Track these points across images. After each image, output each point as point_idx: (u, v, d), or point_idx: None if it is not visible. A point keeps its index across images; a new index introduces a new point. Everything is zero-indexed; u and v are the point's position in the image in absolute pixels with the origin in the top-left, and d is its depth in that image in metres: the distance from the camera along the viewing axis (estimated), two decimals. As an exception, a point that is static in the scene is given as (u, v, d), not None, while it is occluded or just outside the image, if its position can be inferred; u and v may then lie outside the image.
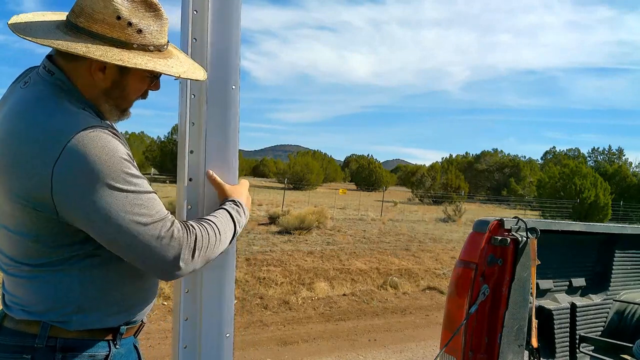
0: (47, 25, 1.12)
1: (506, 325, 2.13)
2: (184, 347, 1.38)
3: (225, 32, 1.35)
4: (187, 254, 1.11)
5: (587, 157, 69.09)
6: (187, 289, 1.38)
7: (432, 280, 8.11)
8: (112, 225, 1.04)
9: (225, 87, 1.36)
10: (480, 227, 2.20)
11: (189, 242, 1.11)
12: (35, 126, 1.05)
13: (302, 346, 4.95)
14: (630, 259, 2.94)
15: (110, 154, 1.05)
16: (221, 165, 1.37)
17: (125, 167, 1.06)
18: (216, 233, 1.18)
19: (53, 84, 1.12)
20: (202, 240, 1.14)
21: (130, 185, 1.06)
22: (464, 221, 18.79)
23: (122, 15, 1.08)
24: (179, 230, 1.10)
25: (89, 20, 1.08)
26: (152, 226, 1.07)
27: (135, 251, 1.07)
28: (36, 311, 1.12)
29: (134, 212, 1.06)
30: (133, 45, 1.11)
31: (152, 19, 1.13)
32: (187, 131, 1.35)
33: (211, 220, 1.20)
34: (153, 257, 1.08)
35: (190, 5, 1.32)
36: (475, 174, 57.61)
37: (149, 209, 1.08)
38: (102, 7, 1.07)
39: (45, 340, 1.11)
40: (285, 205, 17.99)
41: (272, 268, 7.83)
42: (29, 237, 1.09)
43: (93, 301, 1.14)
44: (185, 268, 1.11)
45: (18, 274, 1.13)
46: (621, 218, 28.07)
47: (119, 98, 1.20)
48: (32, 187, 1.04)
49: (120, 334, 1.21)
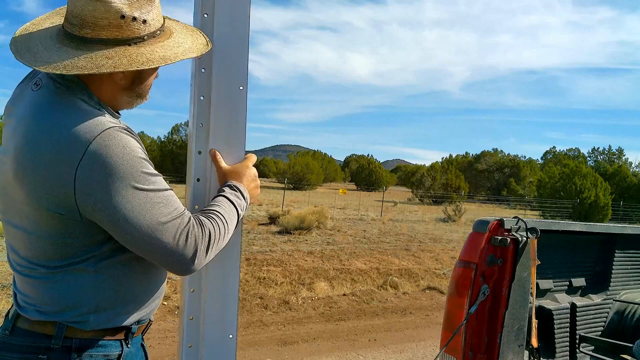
0: (47, 41, 1.10)
1: (506, 325, 2.13)
2: (189, 346, 1.39)
3: (233, 34, 1.35)
4: (203, 250, 1.13)
5: (587, 157, 69.15)
6: (192, 289, 1.38)
7: (432, 280, 8.11)
8: (133, 224, 1.06)
9: (232, 89, 1.36)
10: (480, 227, 2.20)
11: (204, 238, 1.13)
12: (54, 129, 1.05)
13: (302, 346, 4.95)
14: (630, 259, 2.94)
15: (130, 154, 1.06)
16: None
17: (144, 167, 1.08)
18: (225, 224, 1.20)
19: (64, 84, 1.12)
20: (215, 235, 1.16)
21: (150, 184, 1.08)
22: (464, 221, 18.80)
23: (125, 13, 1.08)
24: (194, 226, 1.12)
25: (95, 30, 1.07)
26: (171, 224, 1.09)
27: (155, 249, 1.09)
28: (51, 311, 1.12)
29: (154, 211, 1.08)
30: (144, 38, 1.11)
31: (149, 5, 1.12)
32: (194, 132, 1.36)
33: (218, 212, 1.21)
34: (172, 255, 1.10)
35: (199, 9, 1.33)
36: (475, 174, 57.61)
37: (168, 207, 1.10)
38: (103, 13, 1.06)
39: (61, 340, 1.11)
40: (285, 205, 17.99)
41: (272, 268, 7.83)
42: (47, 239, 1.09)
43: (108, 301, 1.15)
44: (200, 263, 1.14)
45: (33, 275, 1.13)
46: (621, 218, 28.08)
47: (139, 88, 1.22)
48: (54, 191, 1.04)
49: (131, 333, 1.22)
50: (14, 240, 1.15)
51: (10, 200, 1.13)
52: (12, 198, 1.12)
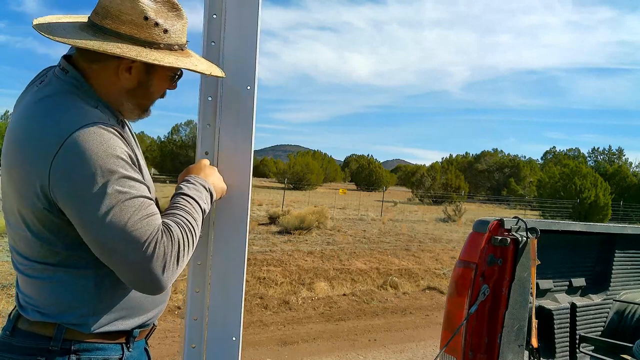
0: (70, 27, 1.12)
1: (506, 325, 2.13)
2: (192, 347, 1.38)
3: (241, 34, 1.34)
4: (173, 262, 1.05)
5: (587, 157, 69.15)
6: (197, 289, 1.38)
7: (432, 280, 8.11)
8: (98, 225, 1.01)
9: (240, 89, 1.35)
10: (480, 227, 2.20)
11: (173, 248, 1.05)
12: (40, 122, 1.06)
13: (302, 346, 4.95)
14: (630, 259, 2.94)
15: (107, 152, 1.03)
16: (234, 166, 1.36)
17: (120, 167, 1.04)
18: (192, 228, 1.12)
19: (67, 82, 1.13)
20: (184, 242, 1.08)
21: (123, 186, 1.03)
22: (464, 221, 18.79)
23: (149, 15, 1.09)
24: (163, 235, 1.04)
25: (116, 22, 1.09)
26: (139, 232, 1.01)
27: (119, 258, 1.02)
28: (51, 313, 1.11)
29: (122, 215, 1.01)
30: (160, 45, 1.12)
31: (175, 18, 1.15)
32: (201, 133, 1.36)
33: (183, 215, 1.12)
34: (137, 267, 1.02)
35: (207, 9, 1.34)
36: (475, 174, 57.61)
37: (137, 213, 1.03)
38: (129, 9, 1.08)
39: (60, 342, 1.10)
40: (285, 205, 17.99)
41: (272, 268, 7.83)
42: (37, 237, 1.09)
43: (108, 304, 1.14)
44: (169, 277, 1.05)
45: (33, 274, 1.13)
46: (621, 218, 28.08)
47: (142, 97, 1.21)
48: (35, 184, 1.04)
49: (133, 337, 1.20)
50: (14, 239, 1.15)
51: (6, 198, 1.13)
52: (7, 195, 1.12)
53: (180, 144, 43.93)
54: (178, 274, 1.08)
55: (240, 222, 1.37)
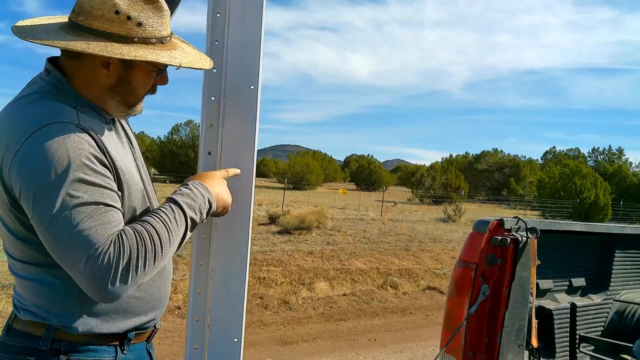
0: (51, 27, 1.12)
1: (506, 325, 2.14)
2: (194, 348, 1.38)
3: (245, 33, 1.33)
4: (121, 272, 0.99)
5: (587, 157, 69.13)
6: (199, 290, 1.37)
7: (432, 280, 8.12)
8: (47, 227, 0.99)
9: (243, 88, 1.34)
10: (480, 227, 2.20)
11: (122, 258, 0.99)
12: (12, 121, 1.06)
13: (302, 346, 4.95)
14: (630, 259, 2.94)
15: (67, 152, 1.00)
16: (237, 166, 1.35)
17: (80, 171, 1.00)
18: (158, 237, 1.05)
19: (48, 82, 1.13)
20: (140, 252, 1.02)
21: (77, 191, 0.99)
22: (464, 221, 18.79)
23: (120, 9, 1.08)
24: (113, 244, 0.99)
25: (88, 18, 1.08)
26: (87, 240, 0.97)
27: (68, 264, 1.00)
28: (40, 313, 1.11)
29: (71, 221, 0.98)
30: (134, 39, 1.10)
31: (152, 11, 1.12)
32: (204, 133, 1.35)
33: (152, 224, 1.07)
34: (84, 275, 0.98)
35: (211, 8, 1.33)
36: (475, 174, 57.59)
37: (89, 220, 0.99)
38: (99, 4, 1.08)
39: (49, 342, 1.09)
40: (285, 205, 17.99)
41: (272, 268, 7.83)
42: (18, 236, 1.08)
43: (93, 306, 1.12)
44: (122, 287, 1.00)
45: (22, 274, 1.13)
46: (621, 218, 28.08)
47: (125, 93, 1.18)
48: (3, 181, 1.04)
49: (128, 340, 1.19)
50: (3, 240, 1.15)
51: None
52: None
53: (180, 144, 43.89)
54: (136, 283, 1.02)
55: (243, 222, 1.36)
